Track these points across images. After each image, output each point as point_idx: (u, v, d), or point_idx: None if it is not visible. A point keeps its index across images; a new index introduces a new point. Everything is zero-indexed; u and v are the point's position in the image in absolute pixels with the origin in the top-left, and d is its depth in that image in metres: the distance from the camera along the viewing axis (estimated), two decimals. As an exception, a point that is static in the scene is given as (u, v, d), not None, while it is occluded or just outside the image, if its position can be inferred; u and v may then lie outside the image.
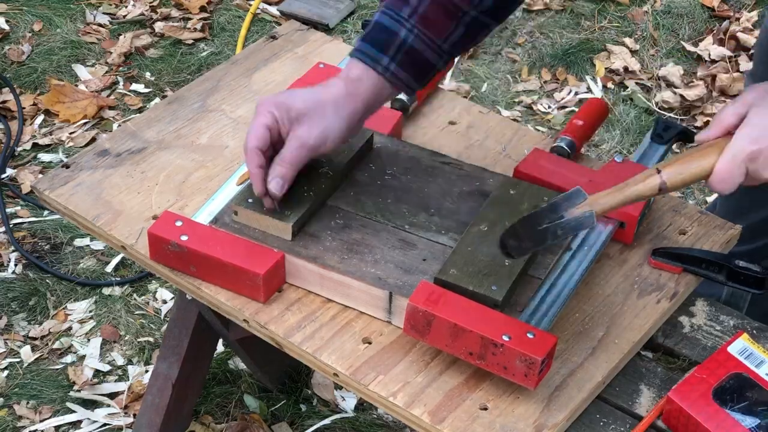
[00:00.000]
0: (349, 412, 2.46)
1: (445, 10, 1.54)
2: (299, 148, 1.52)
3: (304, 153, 1.53)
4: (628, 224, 1.64)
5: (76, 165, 1.78)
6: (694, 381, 1.44)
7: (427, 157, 1.73)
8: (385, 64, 1.53)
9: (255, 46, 2.04)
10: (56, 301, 2.71)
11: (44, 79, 3.37)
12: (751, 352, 1.46)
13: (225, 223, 1.61)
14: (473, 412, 1.44)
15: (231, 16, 3.64)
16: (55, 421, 2.45)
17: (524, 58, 3.51)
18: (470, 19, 1.55)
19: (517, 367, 1.41)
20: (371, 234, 1.60)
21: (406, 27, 1.53)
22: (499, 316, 1.45)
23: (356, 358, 1.50)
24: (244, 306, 1.56)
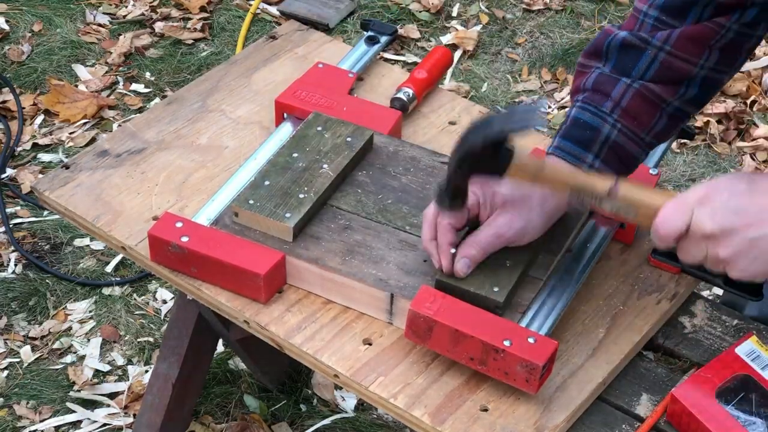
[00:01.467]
0: (349, 412, 2.46)
1: (649, 102, 1.49)
2: (496, 237, 1.47)
3: (498, 242, 1.47)
4: (628, 224, 1.64)
5: (76, 165, 1.78)
6: (699, 380, 1.44)
7: (427, 156, 1.73)
8: (590, 162, 1.48)
9: (255, 46, 2.04)
10: (56, 301, 2.71)
11: (44, 79, 3.36)
12: (758, 355, 1.46)
13: (225, 224, 1.61)
14: (474, 414, 1.44)
15: (231, 16, 3.64)
16: (55, 421, 2.45)
17: (524, 58, 3.51)
18: (673, 110, 1.51)
19: (518, 372, 1.41)
20: (372, 235, 1.60)
21: (609, 122, 1.48)
22: (499, 321, 1.45)
23: (357, 360, 1.50)
24: (244, 307, 1.56)
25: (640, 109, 1.49)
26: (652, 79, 1.49)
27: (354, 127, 1.73)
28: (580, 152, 1.48)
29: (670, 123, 1.52)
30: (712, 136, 3.19)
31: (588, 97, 1.51)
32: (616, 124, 1.49)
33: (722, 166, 3.11)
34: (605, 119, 1.49)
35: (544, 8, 3.68)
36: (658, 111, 1.50)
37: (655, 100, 1.49)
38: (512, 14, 3.66)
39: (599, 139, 1.49)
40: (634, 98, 1.49)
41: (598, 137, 1.49)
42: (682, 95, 1.50)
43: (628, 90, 1.48)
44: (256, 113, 1.88)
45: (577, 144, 1.49)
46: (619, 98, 1.49)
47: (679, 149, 3.17)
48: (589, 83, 1.51)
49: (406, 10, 3.65)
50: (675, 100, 1.50)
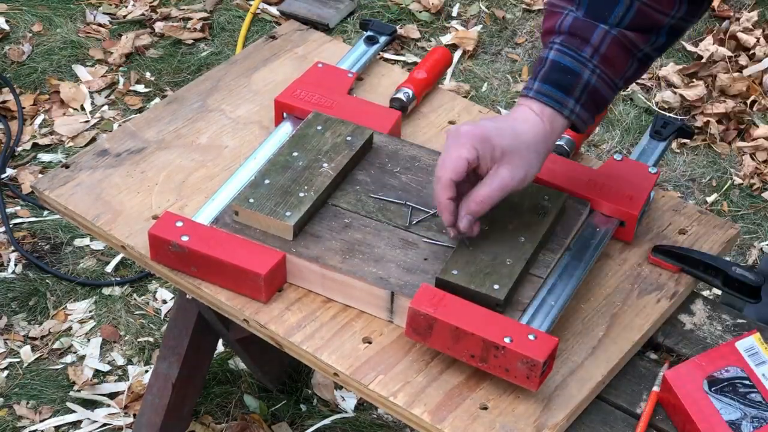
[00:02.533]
0: (349, 412, 2.46)
1: (624, 49, 1.52)
2: (500, 189, 1.48)
3: (502, 193, 1.48)
4: (627, 223, 1.64)
5: (76, 165, 1.78)
6: (692, 366, 1.46)
7: (427, 156, 1.73)
8: (571, 107, 1.51)
9: (255, 46, 2.05)
10: (56, 301, 2.71)
11: (44, 79, 3.37)
12: (756, 351, 1.47)
13: (226, 223, 1.61)
14: (473, 412, 1.44)
15: (231, 16, 3.64)
16: (55, 421, 2.45)
17: (524, 58, 3.51)
18: (642, 56, 1.55)
19: (519, 369, 1.41)
20: (372, 233, 1.60)
21: (589, 68, 1.51)
22: (500, 318, 1.45)
23: (356, 358, 1.50)
24: (244, 306, 1.56)
25: (617, 55, 1.52)
26: (628, 26, 1.51)
27: (354, 127, 1.73)
28: (562, 97, 1.51)
29: (639, 68, 1.57)
30: (712, 136, 3.19)
31: (565, 40, 1.52)
32: (595, 70, 1.51)
33: (722, 166, 3.11)
34: (585, 65, 1.51)
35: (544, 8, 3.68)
36: (631, 57, 1.54)
37: (630, 46, 1.53)
38: (512, 14, 3.66)
39: (580, 83, 1.51)
40: (612, 45, 1.51)
41: (579, 82, 1.51)
42: (652, 43, 1.54)
43: (606, 36, 1.51)
44: (255, 113, 1.89)
45: (558, 88, 1.51)
46: (598, 44, 1.51)
47: (679, 149, 3.17)
48: (564, 26, 1.53)
49: (406, 10, 3.65)
50: (646, 47, 1.54)
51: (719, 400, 1.43)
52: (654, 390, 1.49)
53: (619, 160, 1.71)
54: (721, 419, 1.41)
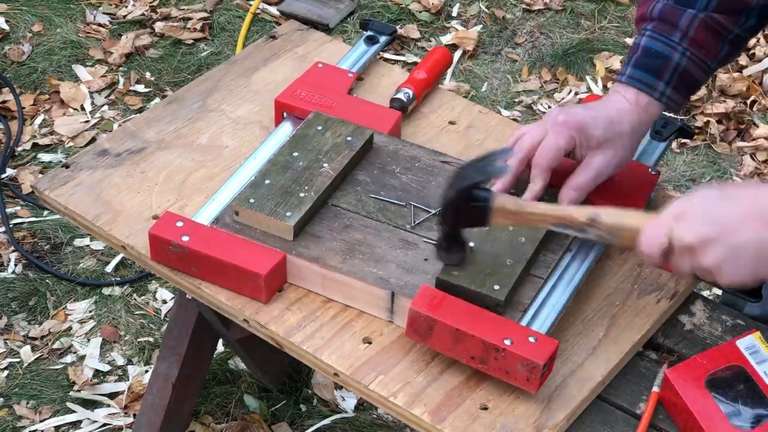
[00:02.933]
0: (349, 412, 2.46)
1: (713, 31, 1.58)
2: (595, 178, 1.55)
3: (598, 182, 1.55)
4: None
5: (76, 165, 1.78)
6: (694, 364, 1.47)
7: (428, 156, 1.73)
8: (662, 90, 1.57)
9: (255, 46, 2.04)
10: (56, 301, 2.71)
11: (44, 79, 3.37)
12: (757, 350, 1.48)
13: (226, 223, 1.61)
14: (473, 412, 1.44)
15: (231, 16, 3.64)
16: (55, 421, 2.45)
17: (524, 58, 3.51)
18: (733, 37, 1.60)
19: (519, 371, 1.41)
20: (372, 234, 1.60)
21: (678, 51, 1.57)
22: (500, 320, 1.45)
23: (356, 358, 1.50)
24: (244, 306, 1.56)
25: (706, 37, 1.58)
26: (715, 9, 1.57)
27: (354, 127, 1.73)
28: (652, 80, 1.57)
29: (731, 49, 1.62)
30: (712, 136, 3.19)
31: (656, 26, 1.59)
32: (685, 53, 1.57)
33: (722, 166, 3.11)
34: (675, 48, 1.57)
35: (544, 8, 3.68)
36: (722, 39, 1.59)
37: (719, 28, 1.58)
38: (512, 14, 3.66)
39: (670, 67, 1.57)
40: (700, 27, 1.57)
41: (669, 65, 1.57)
42: (742, 24, 1.60)
43: (694, 20, 1.57)
44: (256, 113, 1.89)
45: (648, 72, 1.57)
46: (686, 28, 1.57)
47: (679, 149, 3.17)
48: (655, 13, 1.59)
49: (406, 10, 3.66)
50: (736, 29, 1.59)
51: (721, 399, 1.43)
52: (654, 390, 1.49)
53: None
54: (723, 417, 1.41)
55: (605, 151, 1.55)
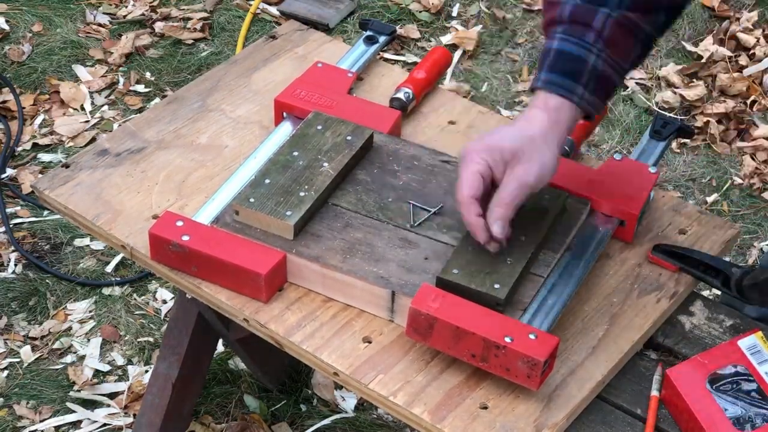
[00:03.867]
0: (349, 412, 2.46)
1: (627, 31, 1.52)
2: (519, 188, 1.48)
3: (523, 192, 1.49)
4: (628, 222, 1.64)
5: (76, 165, 1.78)
6: (695, 364, 1.47)
7: (428, 155, 1.73)
8: (580, 94, 1.50)
9: (255, 46, 2.05)
10: (56, 301, 2.71)
11: (44, 79, 3.37)
12: (759, 350, 1.48)
13: (226, 222, 1.61)
14: (473, 411, 1.44)
15: (231, 16, 3.64)
16: (55, 421, 2.45)
17: (524, 58, 3.51)
18: (644, 36, 1.54)
19: (520, 368, 1.41)
20: (373, 233, 1.60)
21: (594, 53, 1.50)
22: (500, 318, 1.45)
23: (356, 357, 1.50)
24: (244, 305, 1.56)
25: (620, 37, 1.51)
26: (629, 7, 1.51)
27: (354, 126, 1.73)
28: (570, 84, 1.50)
29: (643, 50, 1.56)
30: (712, 136, 3.19)
31: (568, 28, 1.51)
32: (600, 54, 1.50)
33: (722, 166, 3.11)
34: (590, 50, 1.50)
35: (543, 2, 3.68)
36: (634, 39, 1.53)
37: (632, 27, 1.52)
38: (512, 14, 3.66)
39: (587, 69, 1.50)
40: (614, 27, 1.50)
41: (585, 68, 1.50)
42: (653, 22, 1.53)
43: (607, 20, 1.50)
44: (255, 113, 1.89)
45: (566, 76, 1.50)
46: (600, 28, 1.50)
47: (678, 149, 3.17)
48: (565, 15, 1.52)
49: (406, 10, 3.65)
50: (647, 27, 1.53)
51: (722, 398, 1.43)
52: (653, 395, 1.49)
53: (619, 160, 1.71)
54: (725, 417, 1.41)
55: (522, 160, 1.47)
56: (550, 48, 1.52)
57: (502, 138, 1.48)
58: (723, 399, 1.43)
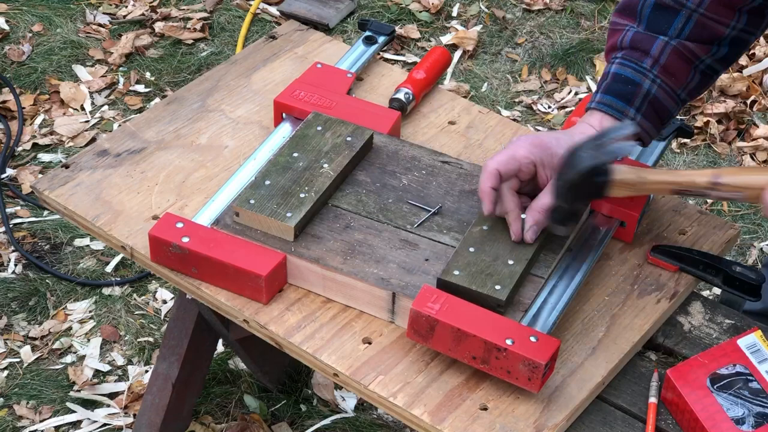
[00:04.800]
0: (349, 412, 2.46)
1: (685, 59, 1.57)
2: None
3: None
4: (628, 223, 1.64)
5: (76, 165, 1.78)
6: (695, 364, 1.47)
7: (428, 156, 1.73)
8: (632, 116, 1.56)
9: (255, 46, 2.04)
10: (56, 301, 2.71)
11: (44, 79, 3.36)
12: (759, 348, 1.48)
13: (226, 224, 1.61)
14: (473, 412, 1.44)
15: (231, 16, 3.64)
16: (55, 421, 2.45)
17: (524, 58, 3.51)
18: (705, 67, 1.60)
19: (521, 371, 1.41)
20: (373, 234, 1.60)
21: (649, 78, 1.57)
22: (501, 320, 1.45)
23: (356, 358, 1.50)
24: (244, 306, 1.56)
25: (677, 65, 1.57)
26: (688, 37, 1.57)
27: (354, 127, 1.73)
28: (622, 106, 1.56)
29: (702, 80, 1.61)
30: (712, 136, 3.19)
31: (627, 54, 1.59)
32: (656, 80, 1.57)
33: (722, 166, 3.11)
34: (646, 75, 1.57)
35: (544, 8, 3.68)
36: (692, 68, 1.58)
37: (690, 57, 1.58)
38: (512, 14, 3.66)
39: (640, 93, 1.56)
40: (672, 55, 1.57)
41: (639, 92, 1.56)
42: (714, 53, 1.59)
43: (666, 47, 1.57)
44: (255, 113, 1.89)
45: (619, 98, 1.56)
46: (657, 55, 1.56)
47: (679, 149, 3.17)
48: (626, 41, 1.59)
49: (406, 10, 3.65)
50: (707, 58, 1.59)
51: (723, 398, 1.43)
52: (651, 402, 1.49)
53: (619, 160, 1.71)
54: (726, 416, 1.41)
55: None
56: (608, 72, 1.59)
57: (558, 143, 1.52)
58: (724, 398, 1.43)
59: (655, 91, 1.57)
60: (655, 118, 1.59)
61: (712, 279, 1.61)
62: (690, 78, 1.59)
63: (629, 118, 1.55)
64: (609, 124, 1.55)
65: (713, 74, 1.62)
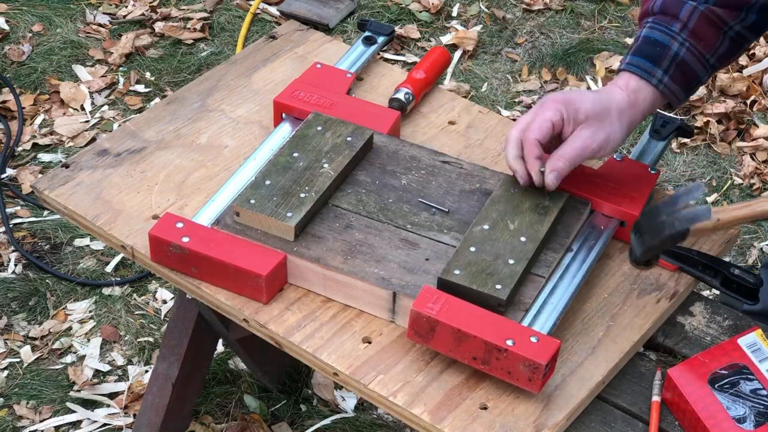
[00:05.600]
0: (349, 412, 2.46)
1: (713, 24, 1.62)
2: (582, 149, 1.56)
3: (584, 154, 1.57)
4: (628, 223, 1.64)
5: (76, 165, 1.78)
6: (696, 363, 1.47)
7: (428, 156, 1.73)
8: (659, 77, 1.60)
9: (255, 46, 2.05)
10: (56, 301, 2.71)
11: (44, 79, 3.37)
12: (759, 347, 1.48)
13: (227, 224, 1.61)
14: (473, 412, 1.44)
15: (231, 16, 3.64)
16: (55, 421, 2.45)
17: (524, 58, 3.51)
18: (734, 34, 1.64)
19: (521, 371, 1.41)
20: (373, 234, 1.60)
21: (678, 41, 1.61)
22: (502, 320, 1.45)
23: (356, 358, 1.50)
24: (243, 305, 1.56)
25: (706, 30, 1.62)
26: (716, 3, 1.61)
27: (354, 127, 1.73)
28: (650, 67, 1.60)
29: (731, 47, 1.65)
30: (712, 136, 3.19)
31: (657, 18, 1.63)
32: (684, 43, 1.61)
33: (722, 166, 3.11)
34: (674, 37, 1.61)
35: (544, 8, 3.68)
36: (721, 33, 1.63)
37: (719, 22, 1.62)
38: (512, 14, 3.66)
39: (669, 55, 1.60)
40: (700, 20, 1.61)
41: (667, 53, 1.60)
42: (742, 20, 1.63)
43: (694, 12, 1.61)
44: (255, 113, 1.89)
45: (647, 59, 1.61)
46: (686, 19, 1.61)
47: (679, 149, 3.17)
48: (657, 6, 1.64)
49: (406, 10, 3.65)
50: (736, 24, 1.63)
51: (724, 397, 1.43)
52: (654, 400, 1.49)
53: (620, 160, 1.71)
54: (728, 416, 1.41)
55: (591, 124, 1.56)
56: (639, 35, 1.64)
57: (583, 99, 1.57)
58: (725, 398, 1.43)
59: (684, 54, 1.60)
60: (683, 81, 1.62)
61: (710, 280, 1.61)
62: (719, 43, 1.63)
63: (656, 79, 1.59)
64: (635, 84, 1.59)
65: (743, 42, 1.66)
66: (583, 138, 1.56)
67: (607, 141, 1.57)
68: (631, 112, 1.60)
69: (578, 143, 1.56)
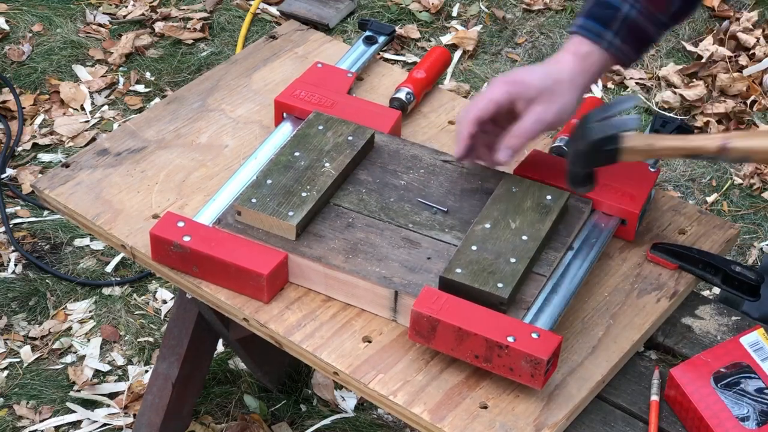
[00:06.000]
0: (349, 412, 2.46)
1: None
2: (536, 123, 1.56)
3: (540, 128, 1.57)
4: (629, 221, 1.65)
5: (76, 164, 1.78)
6: (698, 362, 1.47)
7: (429, 155, 1.73)
8: (610, 39, 1.59)
9: (255, 46, 2.05)
10: (56, 301, 2.71)
11: (44, 79, 3.37)
12: (761, 346, 1.48)
13: (228, 223, 1.61)
14: (473, 411, 1.44)
15: (231, 16, 3.64)
16: (55, 421, 2.45)
17: (524, 58, 3.51)
18: None
19: (523, 368, 1.41)
20: (375, 233, 1.60)
21: (629, 2, 1.59)
22: (503, 318, 1.45)
23: (356, 357, 1.50)
24: (244, 305, 1.56)
25: None
26: None
27: (355, 126, 1.73)
28: (600, 29, 1.59)
29: (683, 5, 1.63)
30: (712, 136, 3.19)
31: None
32: (635, 4, 1.58)
33: (722, 166, 3.11)
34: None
35: (544, 8, 3.68)
36: None
37: None
38: (512, 14, 3.66)
39: (619, 17, 1.59)
40: None
41: (617, 15, 1.58)
42: None
43: None
44: (256, 112, 1.89)
45: (598, 21, 1.59)
46: None
47: (678, 149, 3.17)
48: None
49: (406, 10, 3.65)
50: None
51: (727, 396, 1.43)
52: (653, 399, 1.49)
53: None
54: (731, 415, 1.41)
55: (543, 99, 1.56)
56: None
57: (531, 76, 1.57)
58: (728, 397, 1.43)
59: (635, 15, 1.58)
60: (635, 41, 1.60)
61: (711, 278, 1.62)
62: (670, 2, 1.61)
63: (607, 42, 1.58)
64: (587, 49, 1.58)
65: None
66: (537, 113, 1.56)
67: (561, 112, 1.57)
68: (583, 78, 1.59)
69: (531, 119, 1.56)
